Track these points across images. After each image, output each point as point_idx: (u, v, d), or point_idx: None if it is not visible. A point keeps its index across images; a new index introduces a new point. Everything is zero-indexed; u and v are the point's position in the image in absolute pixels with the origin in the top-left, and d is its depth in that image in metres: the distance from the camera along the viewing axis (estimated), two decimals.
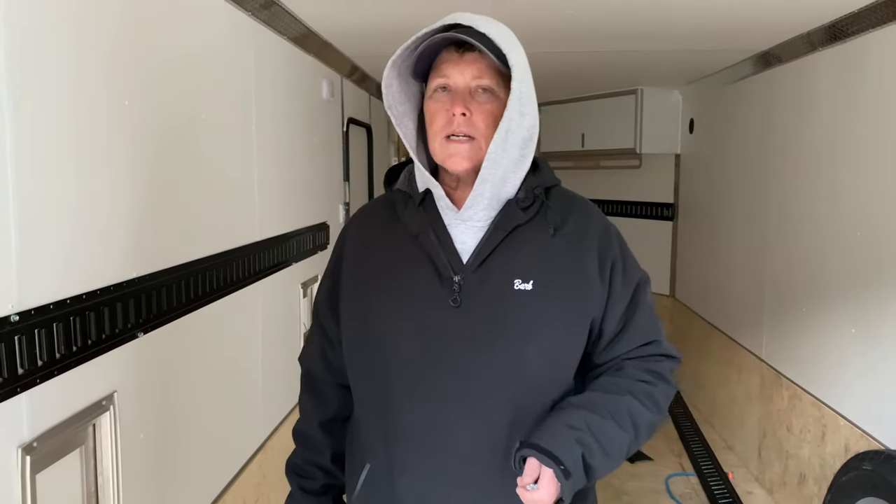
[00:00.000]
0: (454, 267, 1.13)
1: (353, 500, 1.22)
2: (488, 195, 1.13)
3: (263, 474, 2.38)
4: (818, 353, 3.00)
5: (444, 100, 1.12)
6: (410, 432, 1.13)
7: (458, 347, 1.11)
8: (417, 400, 1.12)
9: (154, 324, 1.61)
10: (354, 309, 1.20)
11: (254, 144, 2.30)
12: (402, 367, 1.14)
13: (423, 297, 1.13)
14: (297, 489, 1.31)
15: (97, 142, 1.39)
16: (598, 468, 1.10)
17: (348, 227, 1.29)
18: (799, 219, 3.19)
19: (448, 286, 1.12)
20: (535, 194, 1.16)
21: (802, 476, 3.10)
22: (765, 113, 3.55)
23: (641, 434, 1.16)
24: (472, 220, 1.15)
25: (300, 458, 1.31)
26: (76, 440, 1.34)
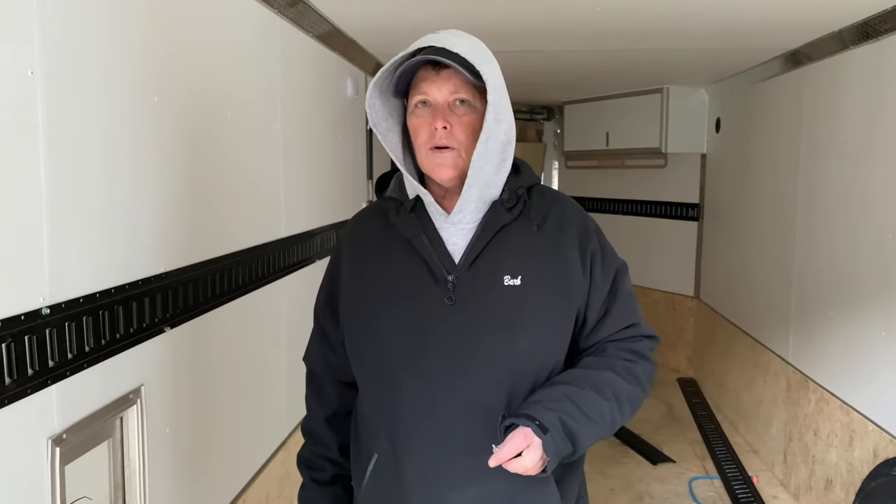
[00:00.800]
0: (447, 267, 1.21)
1: (363, 490, 1.29)
2: (475, 199, 1.21)
3: (286, 470, 2.39)
4: (847, 357, 2.95)
5: (426, 115, 1.20)
6: (413, 423, 1.21)
7: (453, 341, 1.19)
8: (417, 392, 1.20)
9: (181, 318, 1.62)
10: (354, 311, 1.27)
11: (279, 141, 2.31)
12: (402, 363, 1.21)
13: (420, 297, 1.21)
14: (308, 480, 1.40)
15: (127, 138, 1.40)
16: (581, 433, 1.15)
17: (344, 233, 1.38)
18: (828, 220, 3.14)
19: (443, 286, 1.20)
20: (517, 195, 1.24)
21: (829, 481, 3.06)
22: (794, 113, 3.50)
23: (623, 404, 1.21)
24: (461, 222, 1.23)
25: (309, 452, 1.40)
26: (104, 433, 1.36)
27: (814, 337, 3.27)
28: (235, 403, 2.00)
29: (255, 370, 2.16)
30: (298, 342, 2.48)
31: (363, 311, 1.25)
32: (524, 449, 1.10)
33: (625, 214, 5.62)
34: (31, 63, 1.12)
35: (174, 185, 1.60)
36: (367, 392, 1.29)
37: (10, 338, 1.06)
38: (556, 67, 4.11)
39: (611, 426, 1.21)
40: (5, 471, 1.09)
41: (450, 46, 1.16)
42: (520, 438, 1.10)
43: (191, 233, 1.69)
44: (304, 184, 2.59)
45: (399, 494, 1.23)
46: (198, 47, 1.72)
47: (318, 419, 1.38)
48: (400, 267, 1.24)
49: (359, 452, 1.31)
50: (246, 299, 2.02)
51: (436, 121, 1.18)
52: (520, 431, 1.11)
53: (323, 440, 1.38)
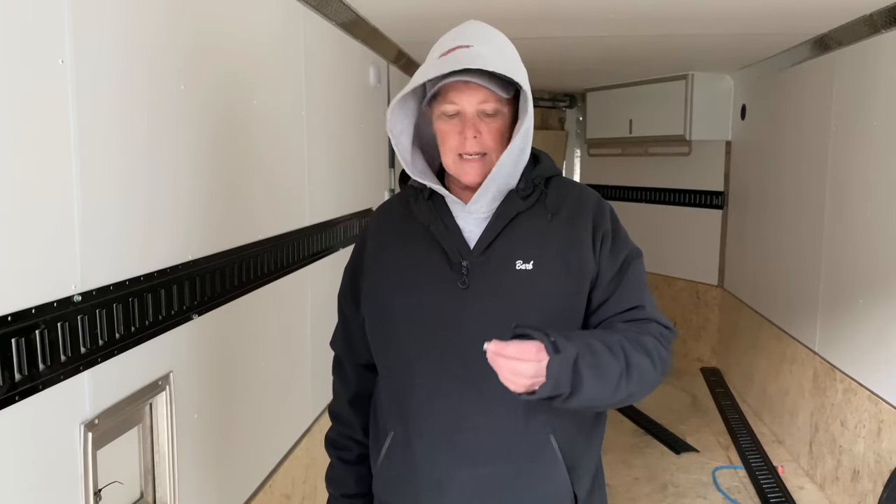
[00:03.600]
0: (462, 253, 1.24)
1: (378, 467, 1.34)
2: (493, 190, 1.25)
3: (312, 457, 2.41)
4: (875, 346, 2.91)
5: (455, 122, 1.23)
6: (424, 403, 1.25)
7: (466, 323, 1.22)
8: (429, 373, 1.24)
9: (208, 306, 1.64)
10: (373, 296, 1.31)
11: (304, 129, 2.32)
12: (416, 346, 1.26)
13: (435, 281, 1.25)
14: (336, 460, 1.45)
15: (155, 126, 1.41)
16: (586, 380, 1.10)
17: (369, 222, 1.42)
18: (858, 208, 3.09)
19: (457, 270, 1.24)
20: (534, 184, 1.26)
21: (856, 472, 3.02)
22: (822, 99, 3.45)
23: (632, 373, 1.16)
24: (477, 211, 1.27)
25: (336, 433, 1.45)
26: (134, 418, 1.37)
27: (842, 326, 3.23)
28: (262, 390, 2.02)
29: (280, 357, 2.18)
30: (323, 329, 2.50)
31: (381, 296, 1.30)
32: (527, 360, 1.07)
33: (648, 203, 5.58)
34: (62, 52, 1.13)
35: (202, 174, 1.61)
36: (383, 373, 1.34)
37: (43, 324, 1.08)
38: (579, 54, 4.07)
39: (614, 390, 1.15)
40: (40, 455, 1.11)
41: (481, 62, 1.17)
42: (531, 348, 1.08)
43: (218, 221, 1.70)
44: (327, 172, 2.59)
45: (410, 472, 1.28)
46: (223, 36, 1.73)
47: (342, 401, 1.43)
48: (417, 253, 1.27)
49: (376, 433, 1.36)
50: (272, 287, 2.03)
51: (466, 129, 1.22)
52: (534, 344, 1.08)
53: (347, 421, 1.42)
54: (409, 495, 1.30)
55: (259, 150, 1.96)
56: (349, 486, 1.43)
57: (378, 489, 1.36)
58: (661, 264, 5.34)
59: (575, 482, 1.27)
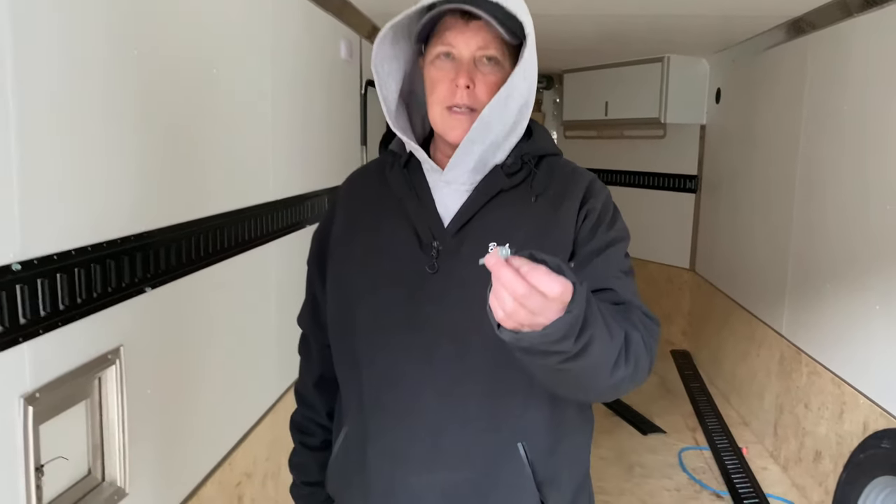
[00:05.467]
0: (434, 232, 1.12)
1: (330, 465, 1.26)
2: (476, 158, 1.10)
3: (276, 434, 2.38)
4: (840, 330, 2.94)
5: (448, 69, 1.09)
6: (379, 398, 1.13)
7: (429, 312, 1.09)
8: (386, 365, 1.12)
9: (163, 279, 1.59)
10: (336, 272, 1.20)
11: (269, 102, 2.26)
12: (374, 333, 1.13)
13: (402, 262, 1.12)
14: (299, 445, 1.37)
15: (107, 90, 1.36)
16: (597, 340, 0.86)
17: (340, 189, 1.29)
18: (826, 193, 3.11)
19: (427, 251, 1.11)
20: (523, 161, 1.13)
21: (818, 453, 3.06)
22: (795, 83, 3.45)
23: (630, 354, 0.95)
24: (455, 182, 1.13)
25: (300, 416, 1.37)
26: (81, 393, 1.33)
27: (808, 310, 3.25)
28: (221, 367, 1.98)
29: (243, 334, 2.14)
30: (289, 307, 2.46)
31: (343, 277, 1.18)
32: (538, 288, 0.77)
33: (623, 186, 5.58)
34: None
35: (156, 143, 1.56)
36: (336, 358, 1.23)
37: None
38: (557, 34, 4.03)
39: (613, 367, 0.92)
40: None
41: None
42: (549, 275, 0.77)
43: (174, 193, 1.65)
44: (294, 147, 2.54)
45: (361, 474, 1.16)
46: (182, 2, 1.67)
47: (307, 383, 1.35)
48: (387, 230, 1.15)
49: (337, 424, 1.27)
50: (233, 262, 1.99)
51: (459, 77, 1.07)
52: (558, 278, 0.77)
53: (312, 404, 1.34)
54: (357, 498, 1.19)
55: (220, 120, 1.91)
56: (312, 473, 1.33)
57: (329, 487, 1.28)
58: (634, 247, 5.24)
59: (548, 499, 1.12)
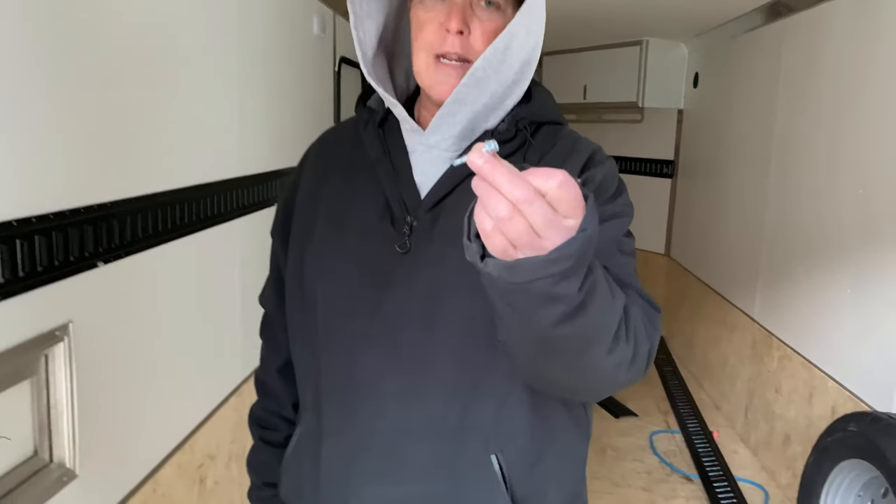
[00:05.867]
0: (409, 205, 0.96)
1: (283, 467, 1.12)
2: (463, 121, 0.94)
3: (240, 416, 2.33)
4: (811, 314, 2.94)
5: (439, 10, 0.92)
6: (335, 395, 0.99)
7: (396, 299, 0.94)
8: (344, 359, 0.98)
9: (117, 254, 1.54)
10: (296, 245, 1.05)
11: (236, 77, 2.20)
12: (333, 317, 0.98)
13: (369, 239, 0.96)
14: (259, 441, 1.22)
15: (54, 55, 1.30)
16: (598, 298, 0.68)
17: (310, 148, 1.14)
18: (800, 178, 3.10)
19: (399, 227, 0.95)
20: (517, 127, 0.96)
21: (787, 437, 3.07)
22: (772, 67, 3.43)
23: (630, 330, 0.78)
24: (438, 147, 0.97)
25: (261, 408, 1.23)
26: (25, 370, 1.28)
27: (780, 294, 3.26)
28: (182, 346, 1.93)
29: (205, 313, 2.09)
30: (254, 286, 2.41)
31: (303, 248, 1.03)
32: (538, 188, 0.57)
33: None
34: None
35: (110, 113, 1.49)
36: (293, 346, 1.09)
37: None
38: None
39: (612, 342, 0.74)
40: None
41: None
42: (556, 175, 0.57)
43: (130, 165, 1.59)
44: (263, 124, 2.48)
45: (313, 480, 1.02)
46: None
47: (270, 369, 1.20)
48: (355, 199, 0.99)
49: (298, 418, 1.13)
50: (196, 238, 1.93)
51: (450, 20, 0.90)
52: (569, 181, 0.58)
53: (274, 393, 1.19)
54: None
55: (180, 94, 1.84)
56: (274, 473, 1.16)
57: (281, 492, 1.14)
58: None
59: None
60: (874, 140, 2.50)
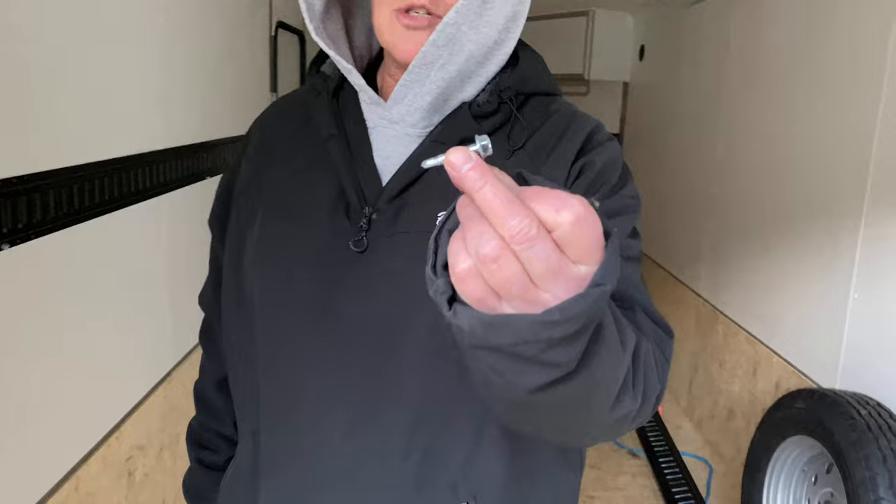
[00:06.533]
0: (367, 193, 0.79)
1: (219, 495, 0.97)
2: (434, 90, 0.77)
3: (172, 404, 2.21)
4: (756, 291, 2.95)
5: None
6: (278, 420, 0.83)
7: (350, 305, 0.77)
8: (288, 375, 0.81)
9: (25, 235, 1.39)
10: (234, 240, 0.89)
11: (160, 42, 2.03)
12: (275, 328, 0.82)
13: (318, 234, 0.80)
14: (195, 464, 1.05)
15: None
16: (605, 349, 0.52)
17: (255, 122, 0.97)
18: (747, 154, 3.09)
19: (355, 220, 0.78)
20: (501, 99, 0.80)
21: (731, 411, 3.09)
22: (719, 39, 3.40)
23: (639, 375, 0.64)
24: (403, 122, 0.81)
25: (198, 424, 1.06)
26: None
27: (726, 270, 3.26)
28: (102, 334, 1.78)
29: (128, 296, 1.94)
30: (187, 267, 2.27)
31: (240, 243, 0.87)
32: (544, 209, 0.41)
33: None
34: None
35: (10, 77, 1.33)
36: (230, 359, 0.92)
37: None
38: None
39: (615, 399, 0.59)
40: None
41: None
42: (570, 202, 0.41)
43: (36, 136, 1.43)
44: (190, 92, 2.32)
45: None
46: None
47: (208, 380, 1.04)
48: (303, 184, 0.83)
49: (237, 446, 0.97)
50: (115, 216, 1.78)
51: None
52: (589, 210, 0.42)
53: (214, 409, 1.03)
54: None
55: (91, 60, 1.68)
56: (213, 499, 1.00)
57: None
58: None
59: None
60: (826, 117, 2.48)
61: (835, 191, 2.37)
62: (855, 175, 2.26)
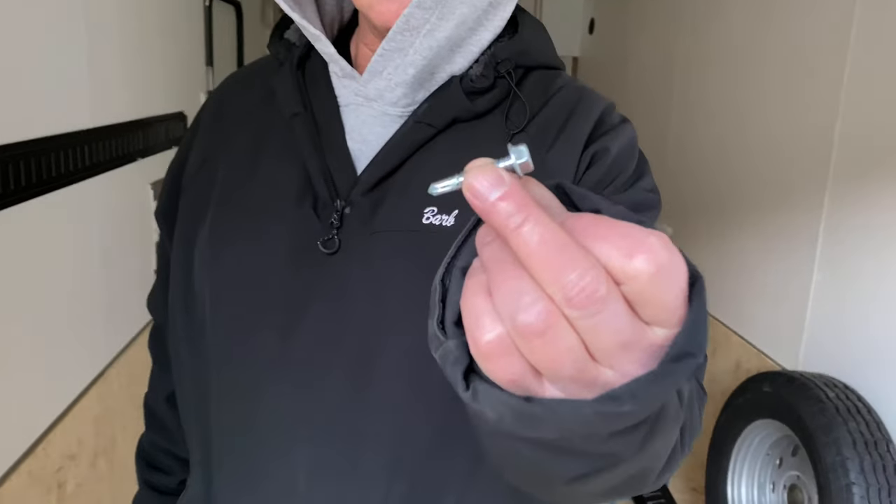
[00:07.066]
0: (338, 183, 0.67)
1: None
2: (418, 61, 0.65)
3: (107, 405, 2.03)
4: (715, 269, 2.91)
5: None
6: (232, 455, 0.70)
7: (318, 316, 0.65)
8: (241, 404, 0.69)
9: None
10: (184, 236, 0.76)
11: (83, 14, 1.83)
12: (228, 349, 0.69)
13: (281, 232, 0.67)
14: (144, 487, 0.92)
15: None
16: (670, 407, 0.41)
17: (209, 99, 0.85)
18: (703, 129, 3.04)
19: (325, 216, 0.66)
20: (497, 72, 0.69)
21: None
22: (672, 12, 3.33)
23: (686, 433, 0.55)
24: (382, 99, 0.68)
25: (148, 442, 0.94)
26: None
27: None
28: (23, 335, 1.60)
29: (55, 291, 1.76)
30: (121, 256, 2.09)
31: (192, 239, 0.74)
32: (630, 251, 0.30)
33: None
34: None
35: None
36: (178, 377, 0.79)
37: None
38: None
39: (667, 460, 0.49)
40: None
41: None
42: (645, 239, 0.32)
43: None
44: (119, 65, 2.12)
45: None
46: None
47: (159, 394, 0.91)
48: (264, 172, 0.71)
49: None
50: (38, 203, 1.60)
51: None
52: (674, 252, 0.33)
53: (165, 426, 0.90)
54: None
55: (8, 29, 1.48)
56: None
57: None
58: None
59: None
60: (786, 94, 2.43)
61: (797, 169, 2.33)
62: (818, 153, 2.21)
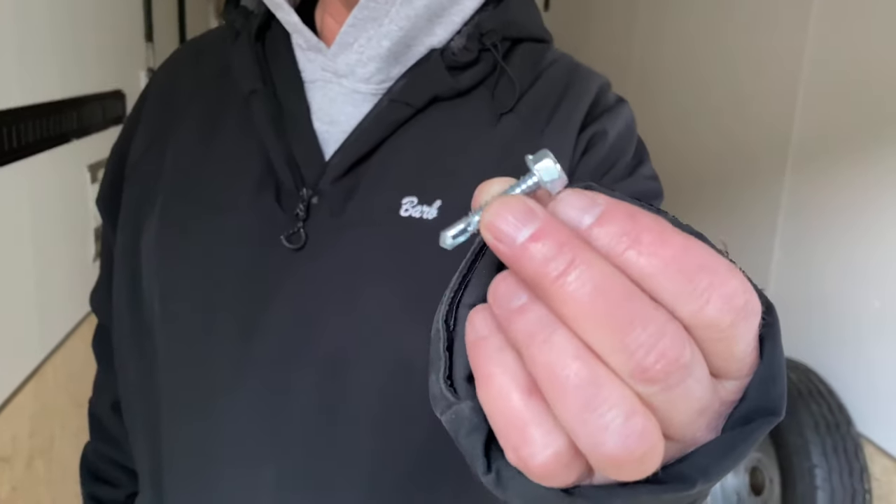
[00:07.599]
0: (304, 169, 0.60)
1: None
2: (393, 32, 0.58)
3: (43, 402, 1.92)
4: None
5: None
6: (185, 471, 0.63)
7: (281, 321, 0.58)
8: (195, 416, 0.61)
9: None
10: (129, 226, 0.68)
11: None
12: (179, 356, 0.62)
13: (237, 224, 0.60)
14: (89, 500, 0.84)
15: None
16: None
17: (155, 74, 0.76)
18: (663, 110, 3.01)
19: (289, 207, 0.59)
20: (482, 45, 0.62)
21: None
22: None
23: None
24: (353, 75, 0.60)
25: (93, 452, 0.86)
26: None
27: None
28: None
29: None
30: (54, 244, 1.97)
31: (138, 230, 0.66)
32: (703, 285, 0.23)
33: None
34: None
35: None
36: (123, 383, 0.71)
37: None
38: None
39: None
40: None
41: None
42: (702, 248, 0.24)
43: None
44: (49, 40, 1.98)
45: None
46: None
47: (105, 401, 0.84)
48: (218, 157, 0.63)
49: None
50: None
51: None
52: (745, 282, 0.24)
53: (111, 435, 0.83)
54: None
55: None
56: None
57: None
58: None
59: None
60: (747, 67, 2.41)
61: (758, 144, 2.31)
62: (779, 128, 2.20)
